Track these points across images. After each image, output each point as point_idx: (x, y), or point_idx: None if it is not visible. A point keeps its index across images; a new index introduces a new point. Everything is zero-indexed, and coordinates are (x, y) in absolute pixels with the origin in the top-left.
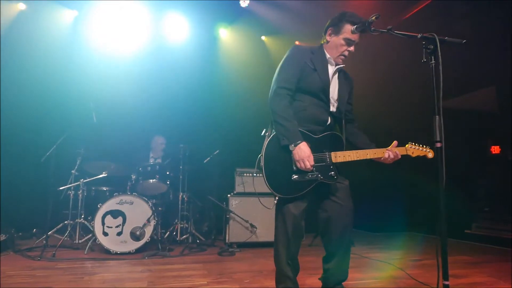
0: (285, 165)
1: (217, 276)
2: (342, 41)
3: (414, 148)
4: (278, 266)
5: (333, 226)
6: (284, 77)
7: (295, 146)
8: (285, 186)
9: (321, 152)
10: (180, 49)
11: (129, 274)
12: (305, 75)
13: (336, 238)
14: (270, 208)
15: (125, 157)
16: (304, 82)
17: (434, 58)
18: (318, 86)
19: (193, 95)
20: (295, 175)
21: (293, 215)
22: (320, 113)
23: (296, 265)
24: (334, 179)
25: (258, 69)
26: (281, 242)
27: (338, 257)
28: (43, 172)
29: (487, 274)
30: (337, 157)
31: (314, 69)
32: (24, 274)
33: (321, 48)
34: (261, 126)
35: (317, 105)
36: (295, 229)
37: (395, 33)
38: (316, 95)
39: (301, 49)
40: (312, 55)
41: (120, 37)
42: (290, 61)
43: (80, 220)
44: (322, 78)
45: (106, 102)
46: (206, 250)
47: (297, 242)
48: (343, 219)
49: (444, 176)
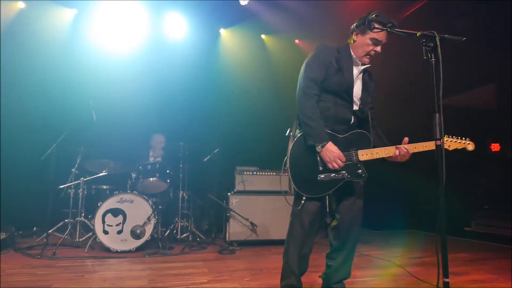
0: (311, 165)
1: (218, 274)
2: (369, 41)
3: (452, 141)
4: (287, 261)
5: (341, 223)
6: (311, 76)
7: (322, 147)
8: (312, 186)
9: (347, 151)
10: (180, 47)
11: (130, 273)
12: (329, 74)
13: (343, 235)
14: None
15: (125, 156)
16: (328, 82)
17: (434, 56)
18: (342, 86)
19: (193, 93)
20: (321, 174)
21: (312, 213)
22: (344, 112)
23: (305, 264)
24: (362, 177)
25: (258, 67)
26: (296, 238)
27: (343, 254)
28: (43, 170)
29: (487, 272)
30: (363, 155)
31: (338, 69)
32: (25, 272)
33: (347, 48)
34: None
35: (341, 105)
36: (311, 226)
37: (395, 31)
38: (339, 95)
39: (326, 48)
40: (338, 55)
41: (120, 35)
42: (316, 60)
43: (81, 218)
44: (346, 78)
45: (106, 100)
46: (206, 248)
47: (311, 240)
48: (352, 216)
49: (444, 174)
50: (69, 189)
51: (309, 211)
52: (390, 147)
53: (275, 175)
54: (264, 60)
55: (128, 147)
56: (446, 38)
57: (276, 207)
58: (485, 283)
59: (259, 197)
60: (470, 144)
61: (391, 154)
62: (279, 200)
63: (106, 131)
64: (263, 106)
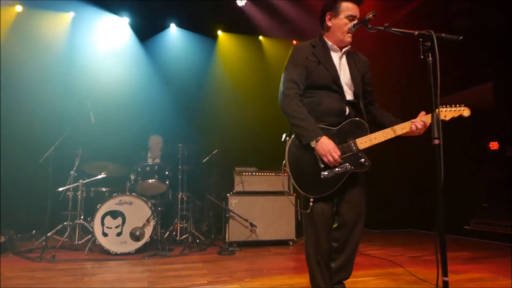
0: (311, 165)
1: (217, 275)
2: (345, 20)
3: (446, 110)
4: (309, 268)
5: (342, 225)
6: (290, 77)
7: (316, 142)
8: (317, 186)
9: (345, 142)
10: (178, 49)
11: (129, 275)
12: (310, 70)
13: (345, 237)
14: (305, 211)
15: (124, 158)
16: (312, 78)
17: (431, 55)
18: (327, 78)
19: (192, 94)
20: (324, 172)
21: (322, 212)
22: (337, 104)
23: (327, 265)
24: (366, 166)
25: (256, 68)
26: (311, 241)
27: (344, 255)
28: (41, 173)
29: (486, 270)
30: (362, 143)
31: (318, 62)
32: (24, 275)
33: (321, 39)
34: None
35: (332, 97)
36: (323, 226)
37: (392, 30)
38: (328, 87)
39: (300, 47)
40: (313, 49)
41: (117, 37)
42: (293, 61)
43: (80, 221)
44: (328, 69)
45: (104, 103)
46: (206, 249)
47: (327, 240)
48: (354, 218)
49: (442, 172)
50: (68, 192)
51: (319, 212)
52: (388, 129)
53: (274, 176)
54: (262, 61)
55: (127, 149)
56: (443, 37)
57: (276, 207)
58: (485, 281)
59: (258, 198)
60: (465, 109)
61: (390, 137)
62: (278, 200)
63: (104, 133)
64: (262, 107)
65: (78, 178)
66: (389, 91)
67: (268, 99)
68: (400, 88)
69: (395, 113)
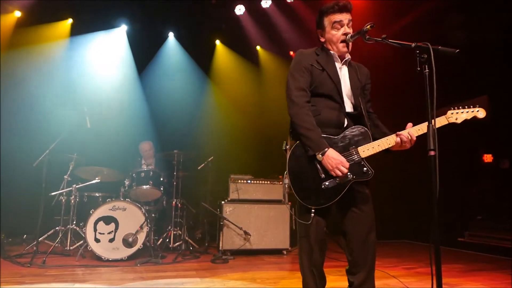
0: (313, 175)
1: (210, 283)
2: (333, 31)
3: (458, 112)
4: (302, 275)
5: (352, 237)
6: (299, 85)
7: (322, 155)
8: (317, 196)
9: (347, 151)
10: (174, 56)
11: (121, 282)
12: (315, 77)
13: (357, 248)
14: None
15: (119, 163)
16: (315, 85)
17: (428, 67)
18: (329, 86)
19: (188, 101)
20: (325, 182)
21: (317, 223)
22: (336, 115)
23: (320, 275)
24: (369, 175)
25: (252, 77)
26: (304, 250)
27: (363, 268)
28: (35, 177)
29: (480, 282)
30: (364, 151)
31: (322, 69)
32: (13, 281)
33: (324, 48)
34: (255, 132)
35: (332, 108)
36: (318, 237)
37: (389, 41)
38: (329, 97)
39: (305, 53)
40: (317, 56)
41: (115, 43)
42: (298, 67)
43: (72, 226)
44: (332, 77)
45: (100, 107)
46: (199, 257)
47: (320, 250)
48: (364, 227)
49: (437, 184)
50: (61, 196)
51: (314, 223)
52: (391, 136)
53: (270, 184)
54: (259, 70)
55: (122, 154)
56: (440, 50)
57: (270, 216)
58: None
59: (253, 206)
60: (480, 110)
61: (393, 144)
62: (273, 209)
63: (99, 138)
64: (258, 115)
65: (72, 182)
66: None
67: (266, 108)
68: (397, 99)
69: (395, 123)
